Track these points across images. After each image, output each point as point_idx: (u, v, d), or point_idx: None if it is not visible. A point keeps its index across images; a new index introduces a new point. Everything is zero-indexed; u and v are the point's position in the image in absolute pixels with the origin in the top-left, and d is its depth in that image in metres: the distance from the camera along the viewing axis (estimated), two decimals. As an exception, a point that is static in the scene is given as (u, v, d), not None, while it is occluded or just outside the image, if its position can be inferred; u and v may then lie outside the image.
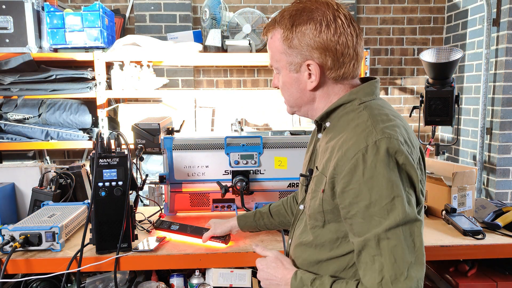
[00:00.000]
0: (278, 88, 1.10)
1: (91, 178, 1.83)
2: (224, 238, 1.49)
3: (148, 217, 1.81)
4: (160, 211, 1.82)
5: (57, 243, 1.41)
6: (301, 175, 1.17)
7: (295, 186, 1.82)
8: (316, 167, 1.06)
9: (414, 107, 2.81)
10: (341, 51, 0.98)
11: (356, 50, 1.00)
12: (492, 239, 1.53)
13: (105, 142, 1.40)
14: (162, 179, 1.80)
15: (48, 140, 2.97)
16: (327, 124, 1.05)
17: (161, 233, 1.58)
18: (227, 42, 3.10)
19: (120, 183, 1.39)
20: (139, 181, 2.10)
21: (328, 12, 0.97)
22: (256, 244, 1.25)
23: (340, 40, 0.97)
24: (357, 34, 0.99)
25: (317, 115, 1.07)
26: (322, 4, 0.99)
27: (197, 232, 1.53)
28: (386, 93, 3.81)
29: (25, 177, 1.85)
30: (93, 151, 1.41)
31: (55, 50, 3.01)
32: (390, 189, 0.88)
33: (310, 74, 1.01)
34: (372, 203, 0.88)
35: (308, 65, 0.99)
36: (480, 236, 1.53)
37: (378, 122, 0.94)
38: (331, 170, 0.95)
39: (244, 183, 1.74)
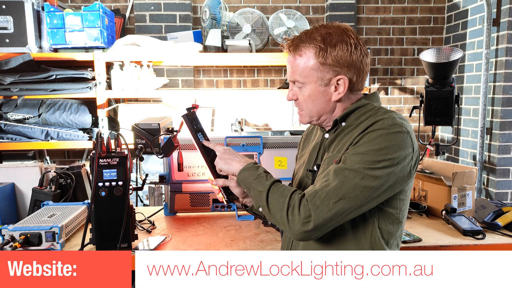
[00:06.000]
0: (294, 100, 1.22)
1: (91, 178, 1.84)
2: (231, 199, 1.34)
3: (148, 217, 1.81)
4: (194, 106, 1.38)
5: (57, 243, 1.41)
6: (309, 170, 1.25)
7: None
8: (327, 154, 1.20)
9: (414, 107, 2.80)
10: (363, 68, 1.17)
11: (369, 67, 1.21)
12: (492, 239, 1.53)
13: (105, 142, 1.40)
14: (162, 179, 1.80)
15: (48, 140, 2.96)
16: (343, 124, 1.20)
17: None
18: (227, 42, 3.10)
19: (120, 183, 1.40)
20: (139, 181, 2.11)
21: (352, 36, 1.15)
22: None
23: (364, 60, 1.16)
24: (368, 54, 1.19)
25: (331, 122, 1.22)
26: (344, 30, 1.16)
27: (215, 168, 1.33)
28: (386, 93, 3.81)
29: (25, 177, 1.85)
30: (93, 151, 1.41)
31: (55, 50, 3.00)
32: (379, 155, 1.05)
33: (336, 87, 1.16)
34: (359, 154, 1.07)
35: (339, 79, 1.15)
36: (480, 236, 1.53)
37: (394, 116, 1.13)
38: (350, 144, 1.12)
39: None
